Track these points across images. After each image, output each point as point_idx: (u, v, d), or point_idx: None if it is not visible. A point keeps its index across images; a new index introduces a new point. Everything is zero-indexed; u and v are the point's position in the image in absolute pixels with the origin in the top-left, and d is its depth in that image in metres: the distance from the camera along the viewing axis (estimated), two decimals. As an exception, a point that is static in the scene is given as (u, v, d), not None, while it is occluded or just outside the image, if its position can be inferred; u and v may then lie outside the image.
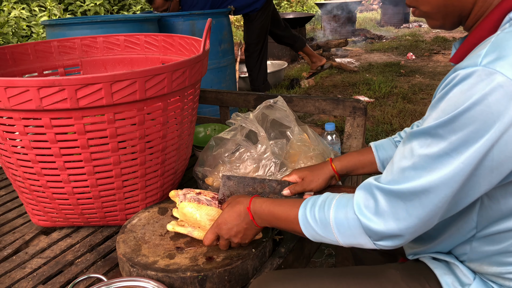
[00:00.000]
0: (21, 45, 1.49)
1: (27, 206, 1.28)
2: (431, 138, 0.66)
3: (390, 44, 7.34)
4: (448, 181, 0.65)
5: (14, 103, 0.99)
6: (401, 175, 0.70)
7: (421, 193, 0.68)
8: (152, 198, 1.29)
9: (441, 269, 0.85)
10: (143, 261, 1.02)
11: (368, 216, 0.74)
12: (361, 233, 0.75)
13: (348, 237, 0.78)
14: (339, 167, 1.12)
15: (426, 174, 0.67)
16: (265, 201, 0.95)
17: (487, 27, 0.71)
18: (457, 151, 0.63)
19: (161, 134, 1.19)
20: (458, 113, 0.62)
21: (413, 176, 0.68)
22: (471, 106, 0.61)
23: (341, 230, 0.78)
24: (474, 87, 0.61)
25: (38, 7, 4.76)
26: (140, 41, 1.62)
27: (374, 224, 0.73)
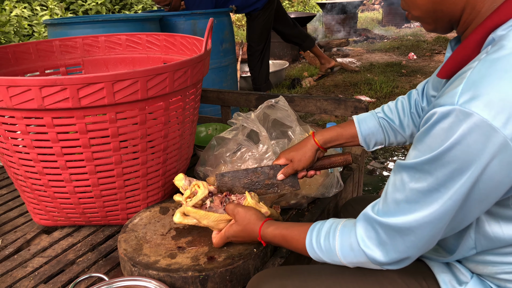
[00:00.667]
0: (23, 44, 1.49)
1: (29, 205, 1.28)
2: (420, 173, 0.70)
3: (391, 44, 7.33)
4: (441, 215, 0.69)
5: (16, 102, 0.99)
6: (396, 208, 0.74)
7: (416, 228, 0.72)
8: (153, 197, 1.29)
9: (438, 267, 0.85)
10: (144, 260, 1.02)
11: (371, 248, 0.78)
12: (367, 262, 0.81)
13: (355, 263, 0.83)
14: (322, 141, 1.14)
15: (419, 208, 0.71)
16: (274, 230, 0.96)
17: (471, 45, 0.73)
18: (445, 187, 0.67)
19: (162, 133, 1.19)
20: (441, 151, 0.65)
21: (408, 210, 0.72)
22: (452, 145, 0.64)
23: (348, 259, 0.83)
24: (453, 127, 0.64)
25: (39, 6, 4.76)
26: (142, 40, 1.62)
27: (377, 255, 0.78)
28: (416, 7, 0.80)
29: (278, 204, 1.31)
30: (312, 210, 1.33)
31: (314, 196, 1.32)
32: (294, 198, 1.31)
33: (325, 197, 1.34)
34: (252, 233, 1.00)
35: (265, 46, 3.82)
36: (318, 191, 1.30)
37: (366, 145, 1.13)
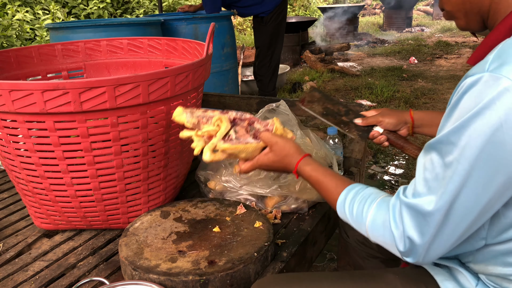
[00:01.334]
0: (25, 48, 1.50)
1: (30, 209, 1.28)
2: (447, 146, 0.67)
3: (392, 48, 7.35)
4: (471, 191, 0.66)
5: (18, 106, 0.99)
6: (425, 186, 0.71)
7: (446, 210, 0.68)
8: (154, 201, 1.29)
9: (442, 275, 0.84)
10: (145, 264, 1.02)
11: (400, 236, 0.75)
12: (392, 244, 0.77)
13: (380, 241, 0.80)
14: (417, 116, 1.12)
15: (448, 184, 0.67)
16: (312, 171, 0.94)
17: (502, 30, 0.73)
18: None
19: (164, 137, 1.19)
20: (469, 117, 0.63)
21: (437, 188, 0.69)
22: (480, 110, 0.62)
23: (375, 233, 0.80)
24: (482, 92, 0.62)
25: (41, 10, 4.78)
26: (144, 44, 1.63)
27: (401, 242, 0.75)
28: (448, 2, 0.82)
29: (278, 208, 1.32)
30: (313, 215, 1.33)
31: (315, 200, 1.32)
32: (295, 202, 1.31)
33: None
34: (289, 165, 0.97)
35: (274, 52, 3.56)
36: (319, 196, 1.30)
37: None
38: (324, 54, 6.41)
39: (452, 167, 0.66)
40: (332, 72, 5.68)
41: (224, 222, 1.18)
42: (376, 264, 1.22)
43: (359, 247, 1.25)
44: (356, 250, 1.26)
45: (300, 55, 6.38)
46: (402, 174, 2.94)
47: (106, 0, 5.44)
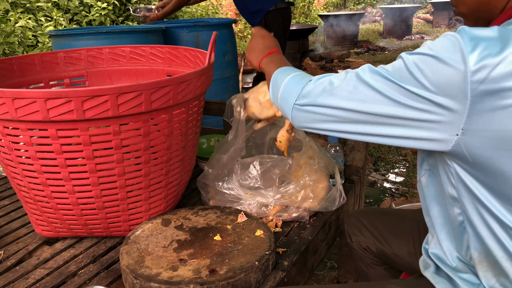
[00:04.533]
0: (28, 56, 1.50)
1: (31, 216, 1.28)
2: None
3: (392, 56, 7.37)
4: None
5: (21, 114, 1.00)
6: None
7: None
8: (155, 209, 1.29)
9: (443, 284, 0.85)
10: (146, 272, 1.02)
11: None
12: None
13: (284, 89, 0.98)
14: None
15: None
16: (267, 65, 1.14)
17: (498, 24, 0.76)
18: None
19: (165, 145, 1.20)
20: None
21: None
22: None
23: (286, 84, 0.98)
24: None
25: (44, 17, 4.80)
26: (146, 52, 1.64)
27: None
28: (464, 3, 0.86)
29: (279, 217, 1.32)
30: (314, 223, 1.33)
31: (317, 210, 1.32)
32: (296, 211, 1.31)
33: (328, 210, 1.34)
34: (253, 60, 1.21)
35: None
36: (321, 205, 1.30)
37: None
38: (324, 61, 6.43)
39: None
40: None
41: (225, 231, 1.18)
42: (379, 272, 1.22)
43: (362, 254, 1.25)
44: (360, 257, 1.26)
45: (301, 62, 6.40)
46: (402, 182, 2.94)
47: (108, 7, 5.47)
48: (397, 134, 0.76)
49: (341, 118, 0.82)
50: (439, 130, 0.72)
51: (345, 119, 0.81)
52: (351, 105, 0.79)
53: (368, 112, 0.77)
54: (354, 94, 0.79)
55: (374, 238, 1.23)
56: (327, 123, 0.85)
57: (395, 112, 0.74)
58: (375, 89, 0.75)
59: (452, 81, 0.67)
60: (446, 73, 0.68)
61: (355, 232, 1.27)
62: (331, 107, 0.83)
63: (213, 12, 7.81)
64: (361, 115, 0.78)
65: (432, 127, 0.72)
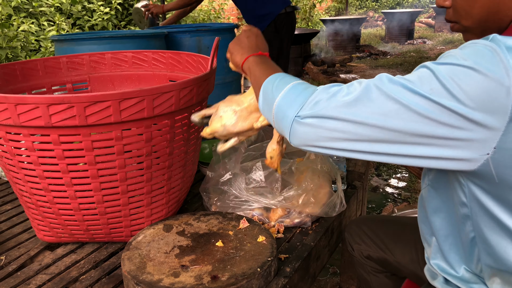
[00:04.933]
0: (31, 61, 1.51)
1: (33, 221, 1.28)
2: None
3: (394, 61, 7.38)
4: None
5: (24, 120, 1.00)
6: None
7: None
8: (157, 214, 1.29)
9: None
10: (148, 279, 1.01)
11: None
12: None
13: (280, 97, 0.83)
14: None
15: None
16: (251, 67, 1.00)
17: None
18: None
19: (167, 151, 1.20)
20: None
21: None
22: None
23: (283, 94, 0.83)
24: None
25: (47, 21, 4.82)
26: (148, 57, 1.64)
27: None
28: (470, 16, 0.79)
29: (281, 222, 1.31)
30: (316, 229, 1.32)
31: (318, 215, 1.32)
32: (298, 216, 1.31)
33: (330, 216, 1.34)
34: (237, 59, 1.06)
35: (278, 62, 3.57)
36: (322, 210, 1.30)
37: None
38: (326, 65, 6.44)
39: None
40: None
41: (227, 236, 1.18)
42: (381, 280, 1.21)
43: (364, 262, 1.24)
44: (361, 264, 1.26)
45: (303, 66, 6.41)
46: (404, 187, 2.93)
47: (111, 12, 5.49)
48: (419, 154, 0.68)
49: (355, 135, 0.70)
50: (468, 148, 0.65)
51: (360, 137, 0.70)
52: (370, 119, 0.68)
53: (390, 129, 0.67)
54: (373, 107, 0.68)
55: (376, 246, 1.22)
56: (336, 141, 0.72)
57: (421, 129, 0.66)
58: (400, 102, 0.66)
59: (493, 96, 0.61)
60: (487, 87, 0.61)
61: (356, 240, 1.27)
62: (344, 121, 0.70)
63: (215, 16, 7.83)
64: (380, 132, 0.68)
65: (460, 145, 0.65)
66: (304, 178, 1.32)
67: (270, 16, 3.20)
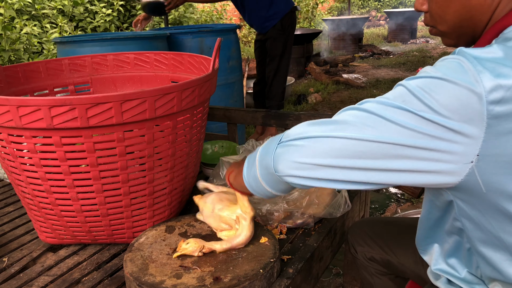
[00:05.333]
0: (33, 63, 1.51)
1: (35, 223, 1.28)
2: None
3: (397, 60, 7.36)
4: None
5: (26, 122, 1.00)
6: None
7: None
8: (159, 216, 1.29)
9: None
10: (150, 280, 1.01)
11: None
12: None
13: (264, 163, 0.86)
14: None
15: None
16: (235, 175, 1.03)
17: (481, 45, 0.75)
18: None
19: (170, 152, 1.19)
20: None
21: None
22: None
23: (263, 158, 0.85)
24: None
25: (49, 24, 4.84)
26: (150, 59, 1.64)
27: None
28: (444, 22, 0.81)
29: (284, 223, 1.31)
30: (319, 230, 1.31)
31: (321, 216, 1.31)
32: (300, 217, 1.30)
33: (333, 217, 1.33)
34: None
35: (279, 66, 3.50)
36: (325, 211, 1.29)
37: None
38: (329, 65, 6.43)
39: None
40: (337, 84, 5.69)
41: (229, 238, 1.17)
42: (385, 282, 1.20)
43: (367, 264, 1.23)
44: (364, 266, 1.25)
45: (305, 67, 6.40)
46: (408, 187, 2.92)
47: (113, 14, 5.50)
48: (401, 168, 0.68)
49: (338, 151, 0.70)
50: (451, 159, 0.65)
51: (343, 152, 0.70)
52: (349, 132, 0.70)
53: (369, 140, 0.68)
54: (352, 122, 0.70)
55: (379, 248, 1.21)
56: (320, 158, 0.72)
57: (398, 138, 0.66)
58: (375, 114, 0.68)
59: (466, 103, 0.61)
60: (459, 95, 0.62)
61: (359, 242, 1.26)
62: (326, 137, 0.72)
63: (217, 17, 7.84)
64: (361, 145, 0.69)
65: (442, 157, 0.65)
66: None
67: (277, 16, 3.31)
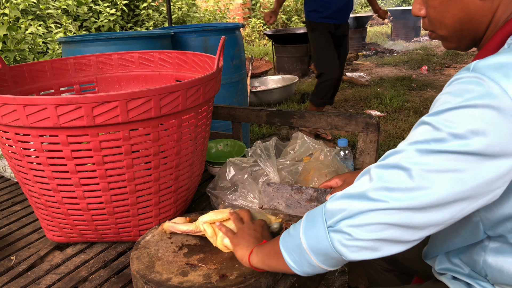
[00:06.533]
0: (39, 62, 1.52)
1: (42, 222, 1.29)
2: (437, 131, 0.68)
3: (401, 58, 7.34)
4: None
5: (32, 121, 1.01)
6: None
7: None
8: (165, 214, 1.29)
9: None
10: (156, 278, 1.02)
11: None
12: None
13: (319, 249, 0.78)
14: None
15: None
16: (262, 256, 0.95)
17: (490, 48, 0.74)
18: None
19: (175, 150, 1.20)
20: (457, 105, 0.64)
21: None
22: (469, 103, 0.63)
23: (311, 241, 0.79)
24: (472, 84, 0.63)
25: (54, 23, 4.86)
26: (154, 58, 1.65)
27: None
28: (443, 26, 0.79)
29: (289, 221, 1.31)
30: (324, 227, 1.32)
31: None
32: (306, 215, 1.30)
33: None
34: (244, 257, 1.00)
35: (318, 65, 3.75)
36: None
37: None
38: (332, 64, 6.40)
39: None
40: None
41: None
42: (390, 278, 1.20)
43: (372, 261, 1.23)
44: (369, 264, 1.25)
45: (309, 65, 6.40)
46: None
47: (117, 13, 5.52)
48: (462, 212, 0.66)
49: (394, 224, 0.68)
50: (502, 184, 0.63)
51: (398, 221, 0.67)
52: (398, 202, 0.66)
53: (421, 206, 0.65)
54: (396, 188, 0.66)
55: None
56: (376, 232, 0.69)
57: (451, 190, 0.63)
58: (417, 169, 0.64)
59: (499, 122, 0.59)
60: (490, 117, 0.59)
61: None
62: (376, 210, 0.68)
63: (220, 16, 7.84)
64: (415, 213, 0.66)
65: (496, 185, 0.63)
66: (311, 177, 1.31)
67: (351, 10, 3.69)
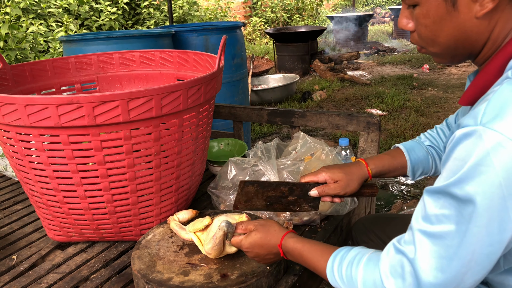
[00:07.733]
0: (40, 62, 1.52)
1: (44, 221, 1.29)
2: (443, 198, 0.66)
3: (402, 57, 7.33)
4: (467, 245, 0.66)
5: (34, 120, 1.01)
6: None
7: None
8: (166, 213, 1.29)
9: None
10: (158, 277, 1.02)
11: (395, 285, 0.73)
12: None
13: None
14: (374, 171, 1.08)
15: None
16: (297, 242, 0.92)
17: (492, 71, 0.72)
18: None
19: (176, 150, 1.20)
20: (463, 174, 0.63)
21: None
22: (474, 166, 0.62)
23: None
24: (476, 146, 0.61)
25: (55, 22, 4.85)
26: (155, 57, 1.65)
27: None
28: (436, 44, 0.77)
29: (291, 220, 1.31)
30: (325, 227, 1.32)
31: (328, 213, 1.31)
32: (307, 214, 1.30)
33: (339, 214, 1.33)
34: (273, 244, 0.94)
35: None
36: (332, 208, 1.29)
37: (413, 175, 1.09)
38: (333, 63, 6.41)
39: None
40: (341, 81, 5.68)
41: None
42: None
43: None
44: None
45: (310, 64, 6.39)
46: (414, 184, 2.91)
47: (118, 12, 5.52)
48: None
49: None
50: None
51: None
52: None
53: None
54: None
55: (383, 244, 1.20)
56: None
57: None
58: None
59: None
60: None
61: (364, 239, 1.26)
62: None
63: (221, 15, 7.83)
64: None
65: None
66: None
67: None
